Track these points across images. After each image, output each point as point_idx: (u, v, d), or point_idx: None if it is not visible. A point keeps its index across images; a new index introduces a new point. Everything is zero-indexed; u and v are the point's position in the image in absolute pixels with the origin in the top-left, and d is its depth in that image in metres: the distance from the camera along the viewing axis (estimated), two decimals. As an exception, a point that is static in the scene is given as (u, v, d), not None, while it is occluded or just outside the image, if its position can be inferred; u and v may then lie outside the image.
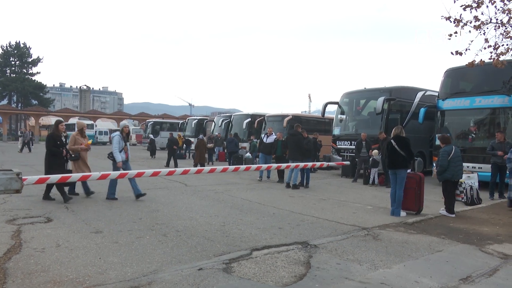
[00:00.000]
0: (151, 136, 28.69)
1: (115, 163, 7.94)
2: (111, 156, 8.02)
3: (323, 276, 3.89)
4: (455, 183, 7.65)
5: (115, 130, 12.47)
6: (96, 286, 3.46)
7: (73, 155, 8.00)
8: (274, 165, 8.32)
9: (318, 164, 7.16)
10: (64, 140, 8.01)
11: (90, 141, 8.68)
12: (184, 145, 24.52)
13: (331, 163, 11.56)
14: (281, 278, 3.81)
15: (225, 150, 19.44)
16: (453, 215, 7.22)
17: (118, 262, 4.10)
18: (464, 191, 8.73)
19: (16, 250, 4.41)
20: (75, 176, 4.04)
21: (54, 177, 3.86)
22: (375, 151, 12.06)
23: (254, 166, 7.09)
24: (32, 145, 32.96)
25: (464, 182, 8.69)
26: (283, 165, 8.51)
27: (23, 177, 3.32)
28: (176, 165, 16.51)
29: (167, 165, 16.74)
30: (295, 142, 10.72)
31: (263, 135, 12.89)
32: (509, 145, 9.48)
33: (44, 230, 5.34)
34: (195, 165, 15.82)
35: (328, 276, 3.91)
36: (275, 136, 12.47)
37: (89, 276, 3.68)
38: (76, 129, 9.09)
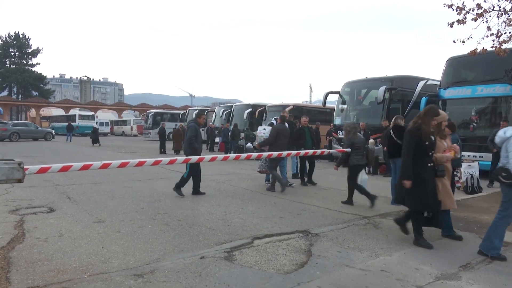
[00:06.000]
0: (95, 125, 27.62)
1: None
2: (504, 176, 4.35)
3: (324, 264, 3.93)
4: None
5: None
6: (99, 275, 3.49)
7: (437, 169, 4.75)
8: (285, 153, 7.04)
9: (318, 151, 7.07)
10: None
11: (455, 149, 5.04)
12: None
13: (332, 151, 11.44)
14: (282, 266, 3.85)
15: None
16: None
17: (120, 251, 4.14)
18: (464, 178, 8.77)
19: (20, 239, 4.45)
20: (76, 165, 4.05)
21: (55, 167, 3.88)
22: (371, 140, 12.02)
23: (255, 155, 7.02)
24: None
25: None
26: (302, 152, 7.28)
27: (24, 167, 3.34)
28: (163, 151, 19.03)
29: (161, 152, 18.85)
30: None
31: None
32: None
33: (46, 220, 5.38)
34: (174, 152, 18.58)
35: (329, 263, 3.95)
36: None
37: (92, 265, 3.72)
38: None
